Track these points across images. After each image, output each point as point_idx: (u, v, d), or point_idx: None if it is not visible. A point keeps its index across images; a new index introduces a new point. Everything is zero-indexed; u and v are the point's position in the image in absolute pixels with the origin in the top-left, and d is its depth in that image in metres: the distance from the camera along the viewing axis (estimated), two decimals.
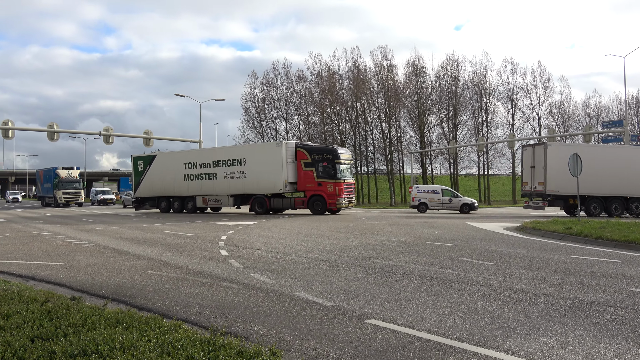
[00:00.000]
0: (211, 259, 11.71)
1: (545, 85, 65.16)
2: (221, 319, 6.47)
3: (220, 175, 32.33)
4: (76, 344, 4.72)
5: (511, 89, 64.82)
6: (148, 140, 55.50)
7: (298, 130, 70.02)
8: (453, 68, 65.09)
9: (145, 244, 15.26)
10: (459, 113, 64.41)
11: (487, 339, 5.53)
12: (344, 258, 11.65)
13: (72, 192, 54.28)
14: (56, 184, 53.57)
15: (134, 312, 6.16)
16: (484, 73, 65.02)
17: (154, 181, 35.52)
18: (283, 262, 11.20)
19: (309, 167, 29.49)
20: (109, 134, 52.84)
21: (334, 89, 65.98)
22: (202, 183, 33.14)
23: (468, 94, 65.41)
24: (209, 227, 21.15)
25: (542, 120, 65.14)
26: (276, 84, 70.39)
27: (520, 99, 65.17)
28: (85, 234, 19.16)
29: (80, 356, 4.48)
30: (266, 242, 15.01)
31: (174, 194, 34.74)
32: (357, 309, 6.88)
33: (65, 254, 13.12)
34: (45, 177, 57.91)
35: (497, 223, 22.59)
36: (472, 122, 65.47)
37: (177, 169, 34.34)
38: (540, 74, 65.42)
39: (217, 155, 32.92)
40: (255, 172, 30.80)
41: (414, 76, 65.04)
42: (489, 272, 9.70)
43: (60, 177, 53.94)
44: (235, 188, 31.77)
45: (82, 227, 22.38)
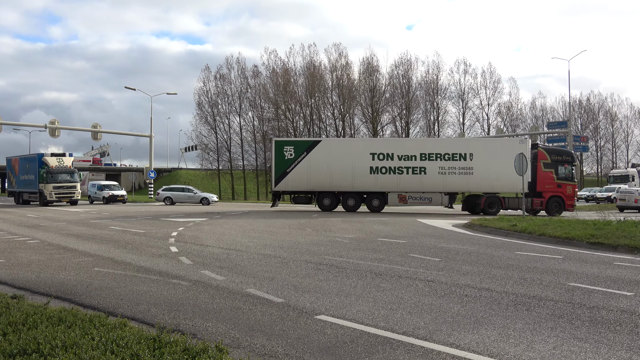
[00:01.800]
0: (161, 256, 11.53)
1: (495, 86, 67.15)
2: (169, 316, 6.39)
3: (432, 170, 28.49)
4: (16, 343, 4.57)
5: (462, 88, 66.50)
6: (96, 134, 54.09)
7: (252, 126, 69.60)
8: (406, 67, 66.12)
9: (92, 240, 14.87)
10: (411, 112, 65.50)
11: (433, 333, 5.67)
12: (296, 254, 11.68)
13: (66, 186, 41.17)
14: (43, 176, 40.50)
15: (78, 310, 6.02)
16: (436, 73, 66.36)
17: (313, 172, 29.32)
18: (234, 258, 11.13)
19: (549, 168, 28.26)
20: (55, 127, 51.21)
21: (288, 85, 65.90)
22: (402, 178, 28.71)
23: (420, 93, 66.62)
24: (159, 224, 20.79)
25: (491, 120, 67.01)
26: (230, 79, 69.69)
27: (471, 99, 66.93)
28: (29, 229, 18.51)
29: (20, 355, 4.34)
30: (217, 239, 14.88)
31: (349, 189, 29.35)
32: (307, 305, 6.92)
33: (7, 251, 12.66)
34: (23, 167, 44.86)
35: (447, 220, 23.09)
36: (424, 121, 66.77)
37: (358, 159, 29.06)
38: (490, 75, 67.30)
39: (428, 148, 29.02)
40: (486, 169, 28.00)
41: (368, 74, 65.73)
42: (437, 268, 9.92)
43: (50, 166, 40.88)
44: (455, 185, 28.52)
45: (26, 223, 21.61)
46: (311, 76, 65.60)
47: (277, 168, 29.62)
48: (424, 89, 66.52)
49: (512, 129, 65.29)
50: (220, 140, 69.91)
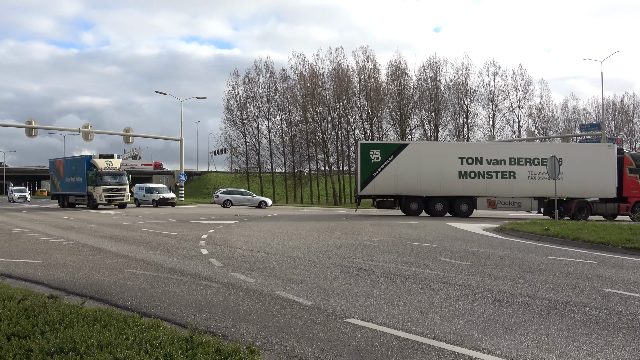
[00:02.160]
0: (191, 258, 11.67)
1: (526, 88, 66.07)
2: (201, 317, 6.46)
3: (522, 175, 28.12)
4: (53, 342, 4.68)
5: (492, 91, 65.62)
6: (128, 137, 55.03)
7: (280, 129, 70.03)
8: (434, 70, 65.65)
9: (125, 242, 15.14)
10: (440, 114, 64.97)
11: (464, 338, 5.61)
12: (325, 257, 11.69)
13: (116, 188, 39.31)
14: (93, 178, 38.67)
15: (112, 310, 6.13)
16: (465, 75, 65.69)
17: (400, 176, 28.81)
18: (263, 261, 11.20)
19: (634, 174, 28.18)
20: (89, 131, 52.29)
21: (316, 89, 66.09)
22: (491, 182, 28.21)
23: (449, 96, 66.04)
24: (190, 226, 21.04)
25: (521, 123, 66.01)
26: (258, 83, 70.34)
27: (501, 101, 65.99)
28: (64, 231, 18.93)
29: (57, 354, 4.44)
30: (247, 241, 14.99)
31: (437, 194, 28.85)
32: (337, 308, 6.91)
33: (43, 252, 12.97)
34: (68, 169, 42.70)
35: (477, 224, 22.82)
36: (453, 124, 66.13)
37: (446, 163, 28.70)
38: (520, 77, 66.28)
39: (516, 152, 28.89)
40: (575, 174, 27.77)
41: (396, 77, 65.45)
42: (468, 272, 9.81)
43: (99, 168, 39.05)
44: (544, 190, 27.84)
45: (61, 224, 22.10)
46: (339, 79, 65.65)
47: (363, 172, 28.95)
48: (452, 91, 65.94)
49: (544, 131, 64.16)
50: (249, 143, 70.55)
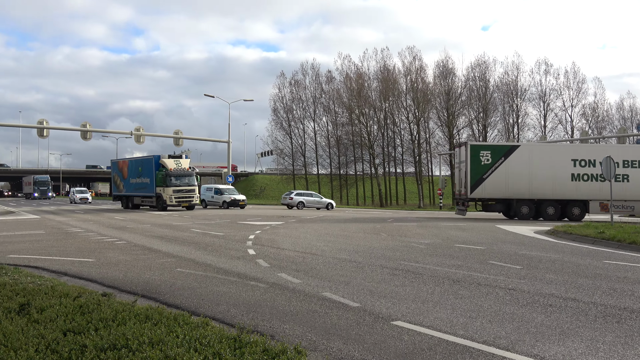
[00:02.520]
0: (239, 258, 11.82)
1: (579, 87, 63.94)
2: (248, 317, 6.53)
3: (636, 178, 27.64)
4: (107, 338, 4.82)
5: (544, 90, 63.79)
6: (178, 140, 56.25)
7: (326, 131, 70.21)
8: (483, 69, 64.41)
9: (174, 242, 15.48)
10: (489, 114, 63.69)
11: (515, 344, 5.47)
12: (371, 259, 11.63)
13: (186, 189, 37.97)
14: (162, 179, 37.47)
15: (163, 308, 6.27)
16: (515, 74, 64.15)
17: (511, 179, 28.11)
18: (310, 262, 11.23)
19: None
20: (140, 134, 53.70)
21: (362, 90, 65.92)
22: (604, 185, 26.70)
23: (498, 95, 64.64)
24: (237, 227, 21.34)
25: (574, 122, 63.98)
26: (304, 85, 70.73)
27: (553, 101, 64.09)
28: (117, 231, 19.51)
29: (110, 350, 4.57)
30: (293, 242, 15.08)
31: (548, 197, 28.21)
32: (384, 310, 6.86)
33: (97, 251, 13.40)
34: (134, 170, 41.55)
35: (528, 226, 22.24)
36: (503, 124, 64.69)
37: (559, 165, 28.05)
38: (573, 75, 64.21)
39: (631, 155, 28.14)
40: None
41: (443, 77, 64.56)
42: (518, 275, 9.57)
43: (168, 168, 37.71)
44: None
45: (114, 225, 22.79)
46: (385, 80, 65.30)
47: (473, 174, 28.22)
48: (501, 90, 64.51)
49: (598, 131, 61.95)
50: (295, 145, 71.03)
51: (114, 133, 73.95)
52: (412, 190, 68.79)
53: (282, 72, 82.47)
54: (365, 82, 67.08)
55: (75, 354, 4.48)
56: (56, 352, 4.53)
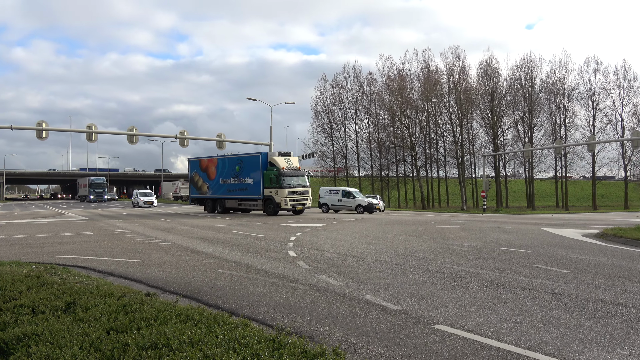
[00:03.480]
0: (280, 260, 11.86)
1: (630, 85, 61.71)
2: (288, 318, 6.52)
3: None
4: (148, 337, 4.89)
5: (592, 89, 61.83)
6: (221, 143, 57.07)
7: (367, 133, 69.96)
8: (529, 68, 62.96)
9: (217, 243, 15.67)
10: (535, 115, 62.18)
11: (562, 350, 5.27)
12: (412, 262, 11.48)
13: (301, 191, 33.76)
14: (274, 179, 33.19)
15: (204, 308, 6.32)
16: (563, 73, 62.43)
17: None
18: (350, 264, 11.17)
19: None
20: (185, 137, 54.70)
21: (404, 91, 65.39)
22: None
23: (545, 95, 63.06)
24: (279, 229, 21.44)
25: (625, 122, 61.79)
26: (346, 87, 70.71)
27: (602, 100, 62.05)
28: (162, 232, 19.90)
29: (151, 349, 4.63)
30: (334, 245, 15.04)
31: None
32: (425, 313, 6.74)
33: (142, 252, 13.68)
34: (227, 169, 36.68)
35: (575, 229, 21.56)
36: (549, 124, 63.08)
37: None
38: (624, 74, 62.03)
39: None
40: None
41: (487, 77, 63.39)
42: (565, 280, 9.26)
43: (280, 167, 33.44)
44: None
45: (159, 226, 23.27)
46: (427, 81, 64.59)
47: None
48: (548, 90, 62.90)
49: None
50: (336, 147, 71.04)
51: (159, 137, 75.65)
52: (455, 192, 67.77)
53: (323, 74, 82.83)
54: (407, 83, 66.55)
55: (117, 352, 4.55)
56: (99, 350, 4.62)
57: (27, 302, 6.40)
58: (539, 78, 63.30)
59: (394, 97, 65.95)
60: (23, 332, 5.06)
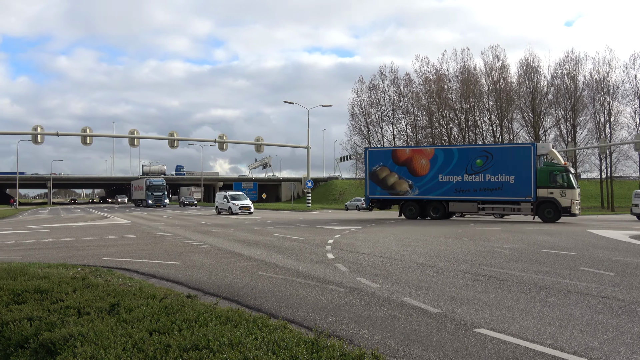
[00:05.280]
0: (318, 262, 11.87)
1: None
2: (326, 321, 6.52)
3: None
4: (189, 339, 4.95)
5: (638, 85, 59.79)
6: (259, 146, 57.75)
7: (405, 134, 69.45)
8: (571, 66, 61.37)
9: (256, 246, 15.79)
10: (577, 113, 60.56)
11: (609, 355, 5.10)
12: (452, 264, 11.32)
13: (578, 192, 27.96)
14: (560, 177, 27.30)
15: (243, 310, 6.37)
16: (607, 70, 60.61)
17: None
18: (389, 266, 11.09)
19: None
20: (224, 141, 55.59)
21: (442, 92, 64.71)
22: None
23: (588, 93, 61.32)
24: (316, 231, 21.47)
25: None
26: (383, 89, 70.43)
27: None
28: (202, 235, 20.19)
29: (192, 350, 4.69)
30: (372, 247, 14.96)
31: None
32: (466, 317, 6.63)
33: (183, 254, 13.91)
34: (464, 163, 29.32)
35: (622, 231, 20.88)
36: (593, 123, 61.30)
37: None
38: None
39: None
40: None
41: (527, 76, 62.10)
42: (612, 283, 8.96)
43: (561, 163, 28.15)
44: None
45: (199, 229, 23.62)
46: (465, 81, 63.74)
47: None
48: (591, 88, 61.15)
49: None
50: None
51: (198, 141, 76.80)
52: None
53: (360, 76, 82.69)
54: (445, 83, 65.81)
55: (159, 353, 4.63)
56: (142, 351, 4.70)
57: (73, 303, 6.58)
58: (582, 75, 61.66)
59: (431, 98, 65.34)
60: (69, 333, 5.20)
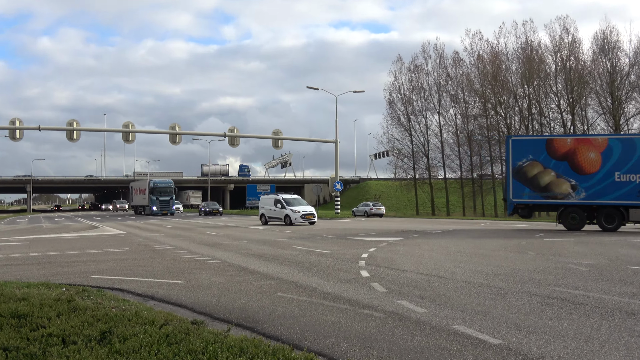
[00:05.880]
0: (350, 281, 11.81)
1: None
2: (362, 353, 6.45)
3: None
4: None
5: None
6: (277, 141, 57.72)
7: (454, 125, 69.10)
8: None
9: (274, 261, 15.80)
10: None
11: None
12: (515, 284, 11.16)
13: None
14: None
15: (260, 340, 6.34)
16: None
17: None
18: (437, 286, 10.98)
19: None
20: (235, 135, 55.74)
21: (498, 73, 64.13)
22: None
23: None
24: (347, 243, 21.42)
25: None
26: (426, 70, 70.21)
27: None
28: (208, 248, 20.30)
29: None
30: (416, 262, 14.85)
31: None
32: (534, 349, 6.50)
33: (187, 272, 13.98)
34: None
35: None
36: None
37: None
38: None
39: None
40: None
41: (604, 53, 61.07)
42: None
43: None
44: None
45: (206, 241, 23.77)
46: (528, 60, 63.07)
47: None
48: None
49: None
50: (416, 144, 70.57)
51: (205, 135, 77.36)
52: None
53: (398, 56, 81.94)
54: (503, 63, 65.26)
55: None
56: None
57: (56, 330, 6.63)
58: None
59: (486, 81, 64.85)
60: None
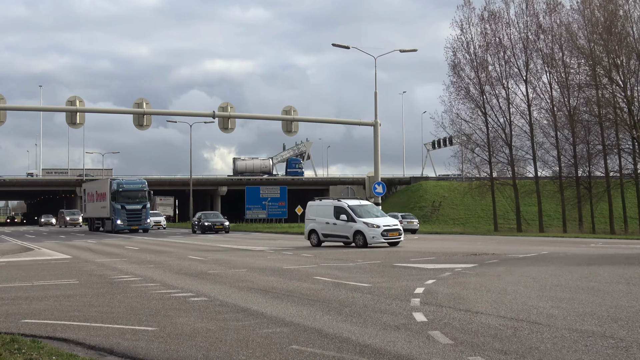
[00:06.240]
0: (398, 328, 11.77)
1: None
2: None
3: None
4: None
5: None
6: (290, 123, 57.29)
7: (549, 99, 68.44)
8: None
9: (286, 298, 15.78)
10: None
11: None
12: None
13: None
14: None
15: None
16: None
17: None
18: (526, 336, 10.91)
19: None
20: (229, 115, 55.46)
21: (615, 23, 63.51)
22: None
23: None
24: (393, 272, 21.34)
25: None
26: (507, 19, 69.69)
27: None
28: (192, 280, 20.34)
29: None
30: (495, 300, 14.77)
31: None
32: None
33: (160, 313, 14.01)
34: None
35: None
36: None
37: None
38: None
39: None
40: None
41: None
42: None
43: None
44: None
45: (187, 270, 23.81)
46: None
47: None
48: None
49: None
50: (492, 126, 70.11)
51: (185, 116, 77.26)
52: None
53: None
54: (620, 8, 64.63)
55: None
56: None
57: None
58: None
59: (595, 34, 64.27)
60: None
